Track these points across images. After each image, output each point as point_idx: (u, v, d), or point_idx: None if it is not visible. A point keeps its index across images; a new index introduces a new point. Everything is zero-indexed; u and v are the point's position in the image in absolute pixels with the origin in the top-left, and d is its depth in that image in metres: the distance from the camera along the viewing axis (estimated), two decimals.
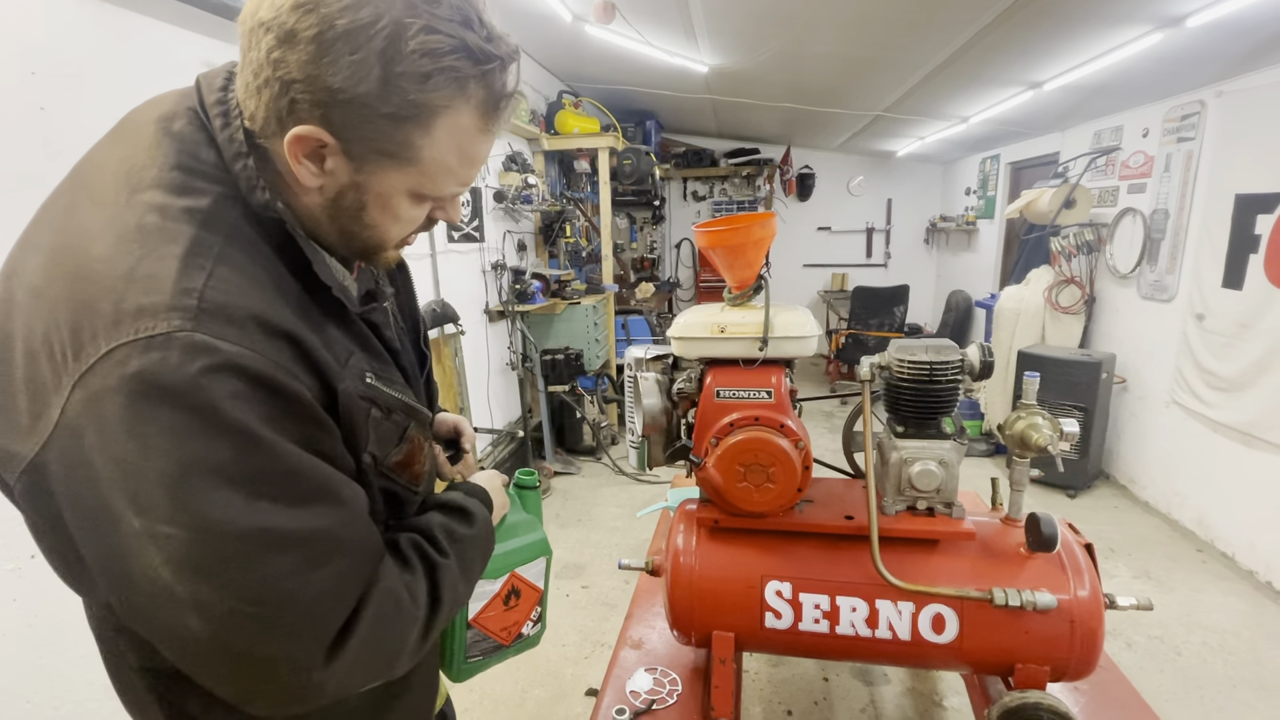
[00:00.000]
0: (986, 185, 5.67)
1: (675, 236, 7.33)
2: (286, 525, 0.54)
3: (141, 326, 0.50)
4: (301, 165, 0.58)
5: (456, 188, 0.66)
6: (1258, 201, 2.70)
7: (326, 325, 0.63)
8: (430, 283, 3.06)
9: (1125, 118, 3.63)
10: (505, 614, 0.94)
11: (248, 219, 0.59)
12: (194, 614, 0.51)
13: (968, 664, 1.21)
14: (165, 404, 0.49)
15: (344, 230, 0.65)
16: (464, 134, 0.61)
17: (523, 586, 0.96)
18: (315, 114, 0.55)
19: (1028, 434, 1.20)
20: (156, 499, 0.50)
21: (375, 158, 0.59)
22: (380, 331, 0.72)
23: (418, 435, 0.73)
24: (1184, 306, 3.16)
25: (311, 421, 0.58)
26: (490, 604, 0.92)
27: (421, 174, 0.61)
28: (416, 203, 0.65)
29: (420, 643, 0.66)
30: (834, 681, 2.15)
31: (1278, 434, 2.61)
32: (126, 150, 0.59)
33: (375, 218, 0.64)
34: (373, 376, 0.66)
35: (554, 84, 4.73)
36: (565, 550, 3.08)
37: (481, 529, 0.79)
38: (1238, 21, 2.27)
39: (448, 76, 0.56)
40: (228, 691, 0.57)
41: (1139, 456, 3.56)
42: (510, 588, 0.94)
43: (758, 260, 1.27)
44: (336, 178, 0.60)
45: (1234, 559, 2.87)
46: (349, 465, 0.63)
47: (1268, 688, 2.12)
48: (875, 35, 3.01)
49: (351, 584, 0.58)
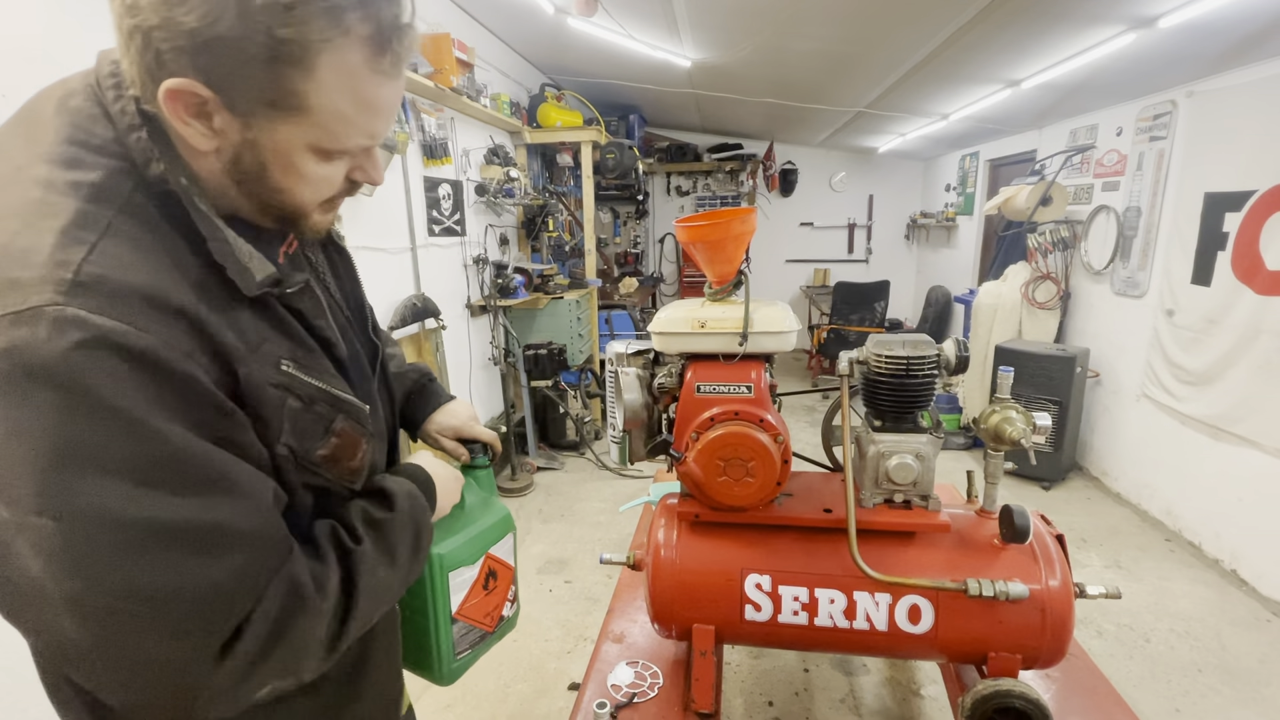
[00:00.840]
0: (966, 182, 5.74)
1: (658, 231, 7.32)
2: (171, 516, 0.50)
3: (10, 301, 0.47)
4: (189, 126, 0.55)
5: (363, 140, 0.62)
6: (1226, 200, 2.77)
7: (236, 307, 0.60)
8: (411, 277, 3.03)
9: (1100, 116, 3.70)
10: (487, 599, 0.93)
11: (145, 194, 0.56)
12: (69, 614, 0.48)
13: (943, 653, 1.23)
14: (34, 383, 0.46)
15: (253, 196, 0.62)
16: (354, 76, 0.56)
17: (498, 566, 0.94)
18: (182, 63, 0.52)
19: (1001, 428, 1.22)
20: (25, 487, 0.46)
21: (261, 110, 0.55)
22: (307, 319, 0.68)
23: (349, 429, 0.69)
24: (1155, 302, 3.23)
25: (208, 406, 0.54)
26: (472, 591, 0.90)
27: (316, 125, 0.57)
28: (323, 159, 0.61)
29: (335, 639, 0.62)
30: (814, 672, 2.18)
31: (1243, 427, 2.68)
32: (25, 129, 0.57)
33: (281, 179, 0.60)
34: (291, 365, 0.62)
35: (536, 76, 4.69)
36: (548, 545, 3.08)
37: (404, 511, 0.74)
38: (1207, 24, 2.32)
39: (315, 7, 0.51)
40: (115, 699, 0.53)
41: (1111, 449, 3.64)
42: (488, 570, 0.92)
43: (738, 255, 1.28)
44: (228, 137, 0.57)
45: (1200, 548, 2.95)
46: (259, 455, 0.60)
47: (1232, 672, 2.19)
48: (857, 31, 3.03)
49: (249, 580, 0.55)
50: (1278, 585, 2.55)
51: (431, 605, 0.87)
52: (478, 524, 0.92)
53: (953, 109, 4.28)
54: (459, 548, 0.88)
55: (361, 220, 2.58)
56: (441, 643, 0.88)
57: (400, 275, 2.96)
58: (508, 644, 2.36)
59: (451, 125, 3.32)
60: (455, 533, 0.90)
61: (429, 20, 3.07)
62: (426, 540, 0.77)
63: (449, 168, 3.33)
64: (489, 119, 3.69)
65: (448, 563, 0.87)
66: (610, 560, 1.41)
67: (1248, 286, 2.64)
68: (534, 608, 2.59)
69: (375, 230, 2.70)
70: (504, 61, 4.10)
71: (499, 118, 3.69)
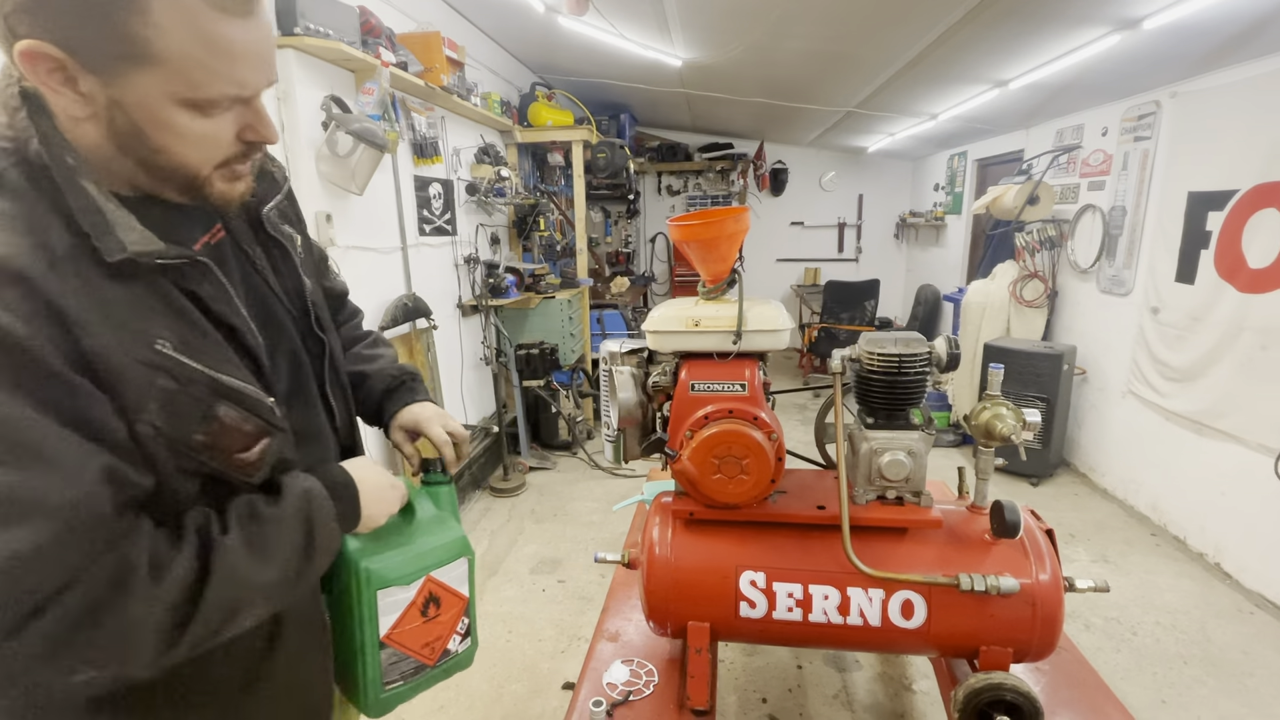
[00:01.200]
0: (954, 182, 5.78)
1: (650, 230, 7.33)
2: None
3: None
4: (60, 95, 0.57)
5: (230, 88, 0.61)
6: (1209, 199, 2.81)
7: (104, 282, 0.59)
8: (401, 276, 3.01)
9: (1086, 117, 3.74)
10: (425, 626, 0.83)
11: (22, 170, 0.58)
12: None
13: (935, 648, 1.24)
14: None
15: (141, 162, 0.62)
16: (193, 15, 0.56)
17: (442, 593, 0.85)
18: (28, 25, 0.53)
19: (992, 424, 1.24)
20: None
21: (114, 64, 0.56)
22: (206, 303, 0.67)
23: (235, 418, 0.66)
24: (1140, 300, 3.28)
25: (39, 372, 0.53)
26: (405, 615, 0.81)
27: (171, 72, 0.57)
28: (197, 113, 0.61)
29: (175, 633, 0.59)
30: (807, 669, 2.19)
31: (1227, 422, 2.73)
32: None
33: (156, 137, 0.60)
34: (169, 345, 0.61)
35: (526, 75, 4.68)
36: (541, 545, 3.08)
37: (292, 508, 0.70)
38: (1191, 25, 2.36)
39: None
40: None
41: (1098, 445, 3.69)
42: (427, 594, 0.83)
43: (731, 254, 1.29)
44: (98, 100, 0.58)
45: (1185, 542, 3.00)
46: (108, 430, 0.58)
47: (1216, 664, 2.23)
48: (847, 31, 3.04)
49: (56, 554, 0.53)
50: (1260, 577, 2.59)
51: (356, 623, 0.80)
52: (420, 542, 0.84)
53: (941, 109, 4.32)
54: (391, 564, 0.81)
55: (352, 220, 2.57)
56: (366, 667, 0.80)
57: (391, 275, 2.94)
58: (501, 644, 2.36)
59: (442, 124, 3.31)
60: (391, 548, 0.83)
61: (419, 19, 3.06)
62: (324, 543, 0.73)
63: (439, 167, 3.32)
64: (480, 118, 3.68)
65: (375, 579, 0.80)
66: (604, 559, 1.41)
67: (1230, 284, 2.69)
68: (527, 607, 2.58)
69: (365, 230, 2.69)
70: (494, 60, 4.09)
71: (490, 117, 3.68)
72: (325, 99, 2.31)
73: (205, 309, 0.67)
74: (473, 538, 3.14)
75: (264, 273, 0.79)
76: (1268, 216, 2.51)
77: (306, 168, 2.27)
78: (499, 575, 2.83)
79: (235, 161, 0.67)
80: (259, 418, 0.69)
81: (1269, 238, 2.49)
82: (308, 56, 2.27)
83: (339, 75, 2.46)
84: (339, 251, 2.46)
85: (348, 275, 2.55)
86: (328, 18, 2.23)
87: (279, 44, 2.14)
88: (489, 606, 2.59)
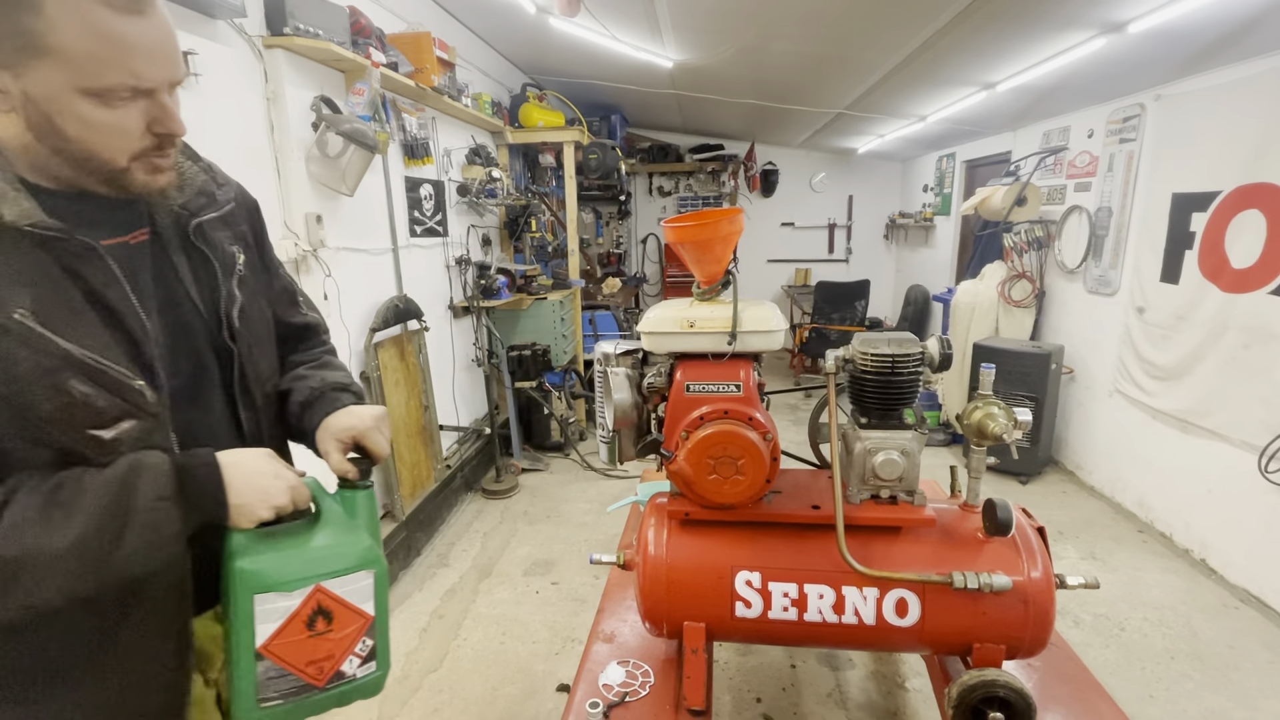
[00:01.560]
0: (943, 183, 5.83)
1: (641, 231, 7.34)
2: None
3: None
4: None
5: (126, 78, 0.66)
6: (1192, 200, 2.85)
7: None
8: (393, 278, 3.00)
9: (1072, 119, 3.78)
10: (311, 642, 0.76)
11: None
12: None
13: (929, 645, 1.25)
14: None
15: (57, 151, 0.68)
16: (83, 10, 0.62)
17: (335, 606, 0.77)
18: None
19: (984, 423, 1.25)
20: None
21: (18, 58, 0.62)
22: (90, 284, 0.70)
23: (90, 395, 0.68)
24: (1126, 300, 3.32)
25: None
26: (286, 626, 0.74)
27: (69, 65, 0.63)
28: (101, 104, 0.66)
29: None
30: (801, 668, 2.20)
31: (1211, 420, 2.77)
32: None
33: (67, 128, 0.66)
34: (29, 316, 0.65)
35: (517, 76, 4.67)
36: (534, 547, 3.07)
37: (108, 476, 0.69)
38: (1174, 30, 2.39)
39: None
40: None
41: (1085, 443, 3.73)
42: (315, 606, 0.76)
43: (726, 255, 1.29)
44: (12, 94, 0.64)
45: (1171, 538, 3.04)
46: None
47: (1202, 658, 2.26)
48: (837, 33, 3.06)
49: None
50: (1244, 573, 2.63)
51: (232, 628, 0.75)
52: (315, 548, 0.77)
53: (930, 111, 4.35)
54: (271, 567, 0.75)
55: (342, 221, 2.55)
56: (239, 676, 0.74)
57: (382, 276, 2.92)
58: (495, 646, 2.35)
59: (433, 125, 3.29)
60: (276, 549, 0.76)
61: (409, 19, 3.05)
62: (146, 519, 0.69)
63: (430, 168, 3.30)
64: (470, 119, 3.67)
65: (249, 581, 0.74)
66: (600, 560, 1.41)
67: (1214, 284, 2.73)
68: (521, 610, 2.58)
69: (356, 231, 2.67)
70: (485, 61, 4.08)
71: (480, 117, 3.67)
72: (315, 99, 2.29)
73: (89, 290, 0.71)
74: (465, 540, 3.14)
75: (184, 279, 0.83)
76: (1250, 217, 2.55)
77: (297, 169, 2.26)
78: (492, 577, 2.82)
79: (152, 154, 0.73)
80: (121, 399, 0.71)
81: (1251, 238, 2.53)
82: (297, 57, 2.25)
83: (329, 76, 2.45)
84: (329, 253, 2.44)
85: (339, 277, 2.54)
86: (317, 18, 2.21)
87: (268, 43, 2.13)
88: (483, 609, 2.59)
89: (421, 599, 2.67)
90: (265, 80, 2.15)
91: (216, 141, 1.94)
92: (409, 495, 2.98)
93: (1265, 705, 2.04)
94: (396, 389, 2.96)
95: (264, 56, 2.14)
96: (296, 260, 2.28)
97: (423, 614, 2.56)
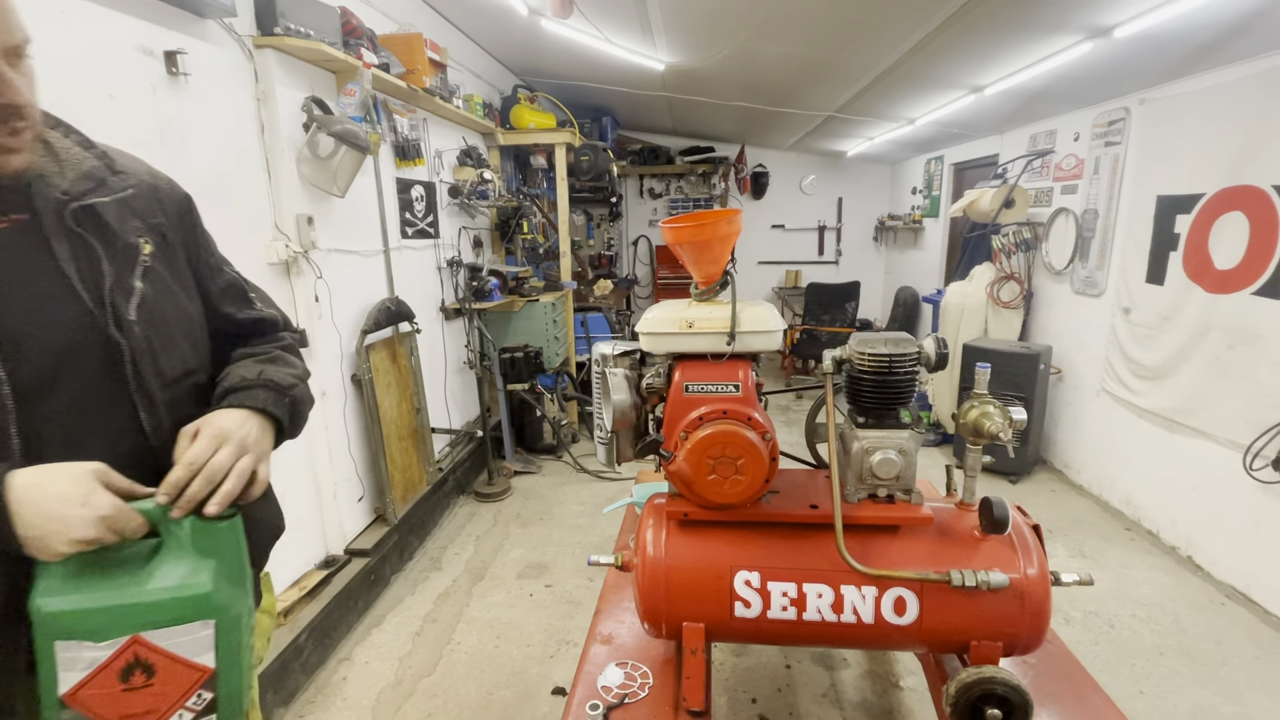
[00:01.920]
0: (932, 185, 5.89)
1: (632, 233, 7.34)
2: None
3: None
4: None
5: None
6: (1177, 202, 2.90)
7: None
8: (384, 279, 2.98)
9: (1059, 122, 3.83)
10: (125, 697, 0.67)
11: None
12: None
13: (927, 644, 1.26)
14: None
15: None
16: None
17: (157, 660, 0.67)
18: None
19: (980, 422, 1.26)
20: None
21: None
22: None
23: None
24: (1112, 300, 3.36)
25: None
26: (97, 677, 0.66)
27: None
28: None
29: None
30: (796, 668, 2.20)
31: (1197, 419, 2.81)
32: None
33: None
34: None
35: (509, 78, 4.67)
36: (528, 550, 3.06)
37: None
38: (1159, 35, 2.43)
39: None
40: None
41: (1073, 442, 3.78)
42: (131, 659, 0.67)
43: (724, 256, 1.29)
44: None
45: (1158, 536, 3.08)
46: None
47: (1191, 654, 2.29)
48: (827, 37, 3.09)
49: None
50: (1230, 570, 2.67)
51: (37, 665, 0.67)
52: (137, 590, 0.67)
53: (919, 114, 4.39)
54: (73, 612, 0.65)
55: (333, 222, 2.53)
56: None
57: (373, 278, 2.90)
58: (489, 650, 2.33)
59: (424, 126, 3.28)
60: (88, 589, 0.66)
61: (401, 20, 3.03)
62: None
63: (422, 169, 3.28)
64: (462, 120, 3.65)
65: (48, 625, 0.65)
66: (598, 562, 1.40)
67: (1198, 285, 2.77)
68: (515, 613, 2.56)
69: (347, 232, 2.65)
70: (477, 63, 4.07)
71: (472, 119, 3.66)
72: (306, 100, 2.27)
73: None
74: (458, 543, 3.12)
75: (63, 265, 0.79)
76: (1233, 219, 2.59)
77: (287, 170, 2.24)
78: (485, 581, 2.80)
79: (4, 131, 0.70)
80: None
81: (1234, 240, 2.58)
82: (288, 57, 2.23)
83: (320, 76, 2.43)
84: (320, 255, 2.42)
85: (330, 278, 2.52)
86: (308, 18, 2.20)
87: (258, 43, 2.11)
88: (477, 612, 2.57)
89: (414, 603, 2.65)
90: (255, 80, 2.13)
91: (206, 142, 1.92)
92: (401, 498, 2.96)
93: (1252, 700, 2.07)
94: (388, 391, 2.94)
95: (254, 56, 2.12)
96: (287, 262, 2.25)
97: (415, 618, 2.54)
